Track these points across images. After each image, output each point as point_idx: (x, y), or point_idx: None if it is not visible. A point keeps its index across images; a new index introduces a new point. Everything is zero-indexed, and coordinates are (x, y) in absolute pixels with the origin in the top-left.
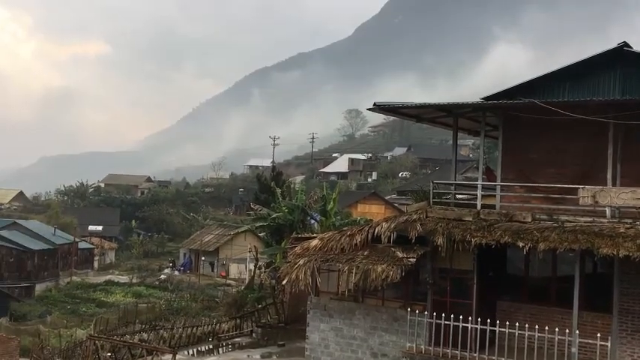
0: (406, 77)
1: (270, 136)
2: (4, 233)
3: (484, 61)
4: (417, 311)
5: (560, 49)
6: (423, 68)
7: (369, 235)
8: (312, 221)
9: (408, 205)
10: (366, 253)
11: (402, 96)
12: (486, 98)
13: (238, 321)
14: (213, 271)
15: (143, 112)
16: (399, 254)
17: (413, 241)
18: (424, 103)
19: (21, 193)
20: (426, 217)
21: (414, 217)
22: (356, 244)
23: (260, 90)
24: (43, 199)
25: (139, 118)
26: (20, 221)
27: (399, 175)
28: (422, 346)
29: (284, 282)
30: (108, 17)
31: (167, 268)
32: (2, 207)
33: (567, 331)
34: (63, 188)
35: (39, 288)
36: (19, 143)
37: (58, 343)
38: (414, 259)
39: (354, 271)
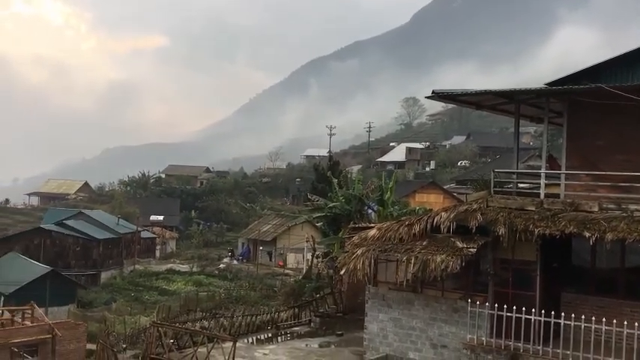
0: (465, 64)
1: (326, 126)
2: (71, 223)
3: (548, 45)
4: (478, 302)
5: (629, 31)
6: (483, 54)
7: (428, 225)
8: (370, 211)
9: (467, 194)
10: (424, 243)
11: (461, 83)
12: (550, 84)
13: (296, 310)
14: (271, 260)
15: (201, 103)
16: (459, 244)
17: (473, 231)
18: (484, 89)
19: (86, 184)
20: (487, 206)
21: (475, 206)
22: (414, 234)
23: (316, 79)
24: (107, 189)
25: (197, 109)
26: (86, 211)
27: (458, 164)
28: (483, 338)
29: (342, 272)
30: (165, 11)
31: (226, 257)
32: (69, 197)
33: (637, 324)
34: (126, 179)
35: (104, 276)
36: (83, 136)
37: (123, 329)
38: (475, 250)
39: (412, 261)
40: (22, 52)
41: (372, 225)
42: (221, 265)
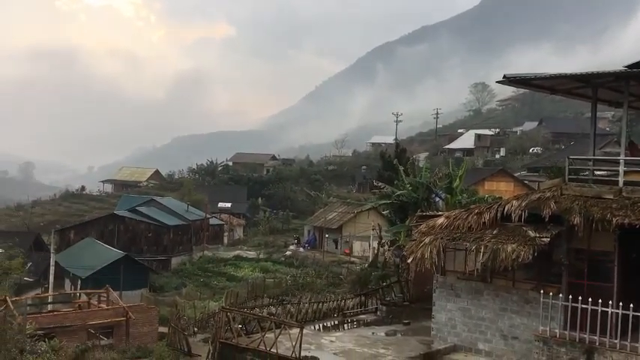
0: (540, 46)
1: (393, 113)
2: (143, 209)
3: (630, 25)
4: (551, 293)
5: None
6: (558, 36)
7: (499, 214)
8: (437, 199)
9: (539, 182)
10: (495, 232)
11: (535, 67)
12: (630, 66)
13: (363, 298)
14: (336, 248)
15: (267, 91)
16: (531, 233)
17: (546, 220)
18: (559, 73)
19: (157, 172)
20: (561, 194)
21: (548, 194)
22: (484, 223)
23: (383, 65)
24: (176, 177)
25: (264, 97)
26: (157, 198)
27: (530, 150)
28: (556, 330)
29: (409, 260)
30: (232, 0)
31: (292, 244)
32: (141, 185)
33: None
34: (194, 167)
35: (174, 261)
36: (154, 124)
37: (193, 314)
38: (548, 239)
39: (482, 250)
40: (95, 43)
41: (440, 213)
42: (287, 252)
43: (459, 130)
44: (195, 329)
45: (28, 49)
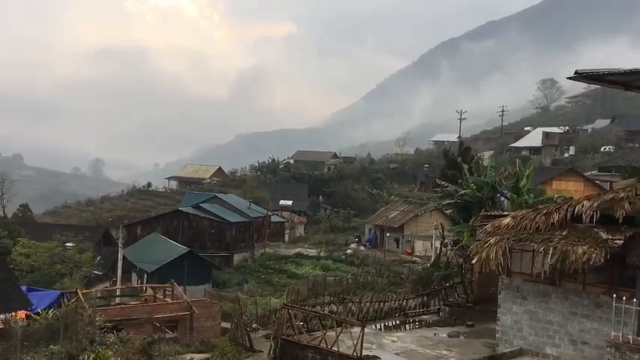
0: (613, 40)
1: (456, 110)
2: (206, 206)
3: None
4: (624, 298)
5: None
6: (634, 29)
7: (568, 214)
8: (502, 199)
9: (612, 182)
10: (564, 233)
11: (609, 62)
12: None
13: (425, 298)
14: (398, 247)
15: (328, 88)
16: (603, 235)
17: (620, 221)
18: (635, 68)
19: (220, 169)
20: (636, 195)
21: (622, 195)
22: (553, 224)
23: (448, 62)
24: (238, 174)
25: (325, 94)
26: (220, 195)
27: (601, 149)
28: (629, 336)
29: (473, 261)
30: None
31: (353, 242)
32: (204, 182)
33: None
34: (256, 164)
35: (236, 258)
36: (217, 122)
37: (255, 310)
38: (621, 241)
39: (550, 251)
40: (161, 43)
41: (506, 213)
42: (348, 251)
43: (526, 128)
44: (256, 325)
45: (97, 49)
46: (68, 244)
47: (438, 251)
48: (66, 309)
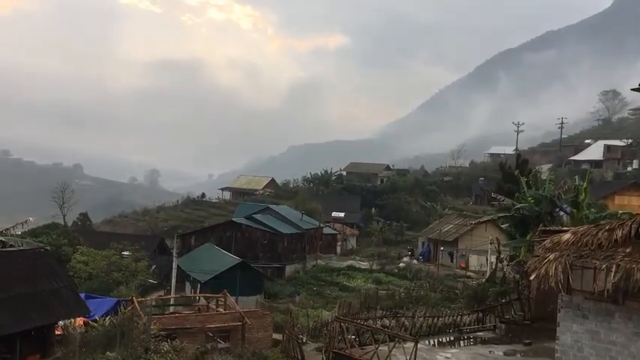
0: None
1: (513, 122)
2: (259, 217)
3: None
4: None
5: None
6: None
7: (633, 230)
8: (562, 213)
9: None
10: (628, 250)
11: None
12: None
13: (480, 314)
14: (452, 261)
15: (381, 100)
16: None
17: None
18: None
19: (272, 180)
20: None
21: None
22: (616, 240)
23: (506, 73)
24: (291, 185)
25: (378, 106)
26: (272, 206)
27: None
28: None
29: (531, 277)
30: (346, 11)
31: (406, 256)
32: (257, 193)
33: None
34: (309, 176)
35: (288, 269)
36: (270, 133)
37: (306, 322)
38: None
39: (613, 269)
40: (216, 55)
41: (566, 228)
42: (400, 264)
43: (586, 141)
44: (305, 339)
45: (155, 62)
46: (125, 253)
47: (494, 266)
48: (122, 317)
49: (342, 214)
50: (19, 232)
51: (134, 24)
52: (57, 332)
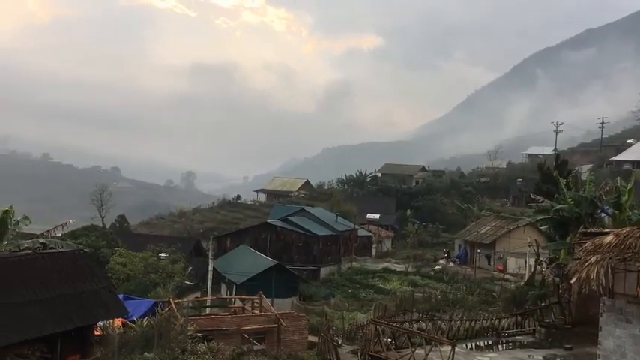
0: None
1: (552, 122)
2: (294, 219)
3: None
4: None
5: None
6: None
7: None
8: (603, 215)
9: None
10: None
11: None
12: None
13: (519, 318)
14: (489, 264)
15: (416, 101)
16: None
17: None
18: None
19: (307, 182)
20: None
21: None
22: None
23: (544, 72)
24: (325, 187)
25: (413, 107)
26: (307, 208)
27: None
28: None
29: (572, 280)
30: (380, 12)
31: (442, 258)
32: (292, 195)
33: None
34: (344, 177)
35: (323, 271)
36: (305, 135)
37: (342, 324)
38: None
39: None
40: (250, 58)
41: (607, 230)
42: (437, 267)
43: (628, 141)
44: (340, 341)
45: (190, 65)
46: (161, 255)
47: (533, 269)
48: (160, 318)
49: (377, 216)
50: (60, 234)
51: (170, 28)
52: (96, 332)
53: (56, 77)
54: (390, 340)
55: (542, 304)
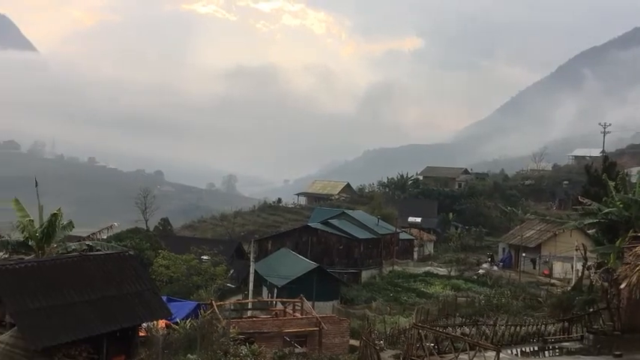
0: None
1: (600, 123)
2: (335, 222)
3: None
4: None
5: None
6: None
7: None
8: None
9: None
10: None
11: None
12: None
13: (566, 324)
14: (534, 268)
15: (458, 103)
16: None
17: None
18: None
19: (348, 185)
20: None
21: None
22: None
23: (592, 72)
24: (366, 190)
25: (455, 109)
26: (348, 211)
27: None
28: None
29: (622, 285)
30: (419, 12)
31: (485, 262)
32: (332, 198)
33: None
34: (384, 180)
35: (364, 275)
36: (345, 138)
37: (383, 329)
38: None
39: None
40: (290, 61)
41: None
42: (480, 271)
43: None
44: (384, 345)
45: (231, 69)
46: (204, 257)
47: (580, 274)
48: (202, 320)
49: (418, 219)
50: (105, 237)
51: (212, 33)
52: (141, 334)
53: (101, 82)
54: (432, 345)
55: (591, 309)
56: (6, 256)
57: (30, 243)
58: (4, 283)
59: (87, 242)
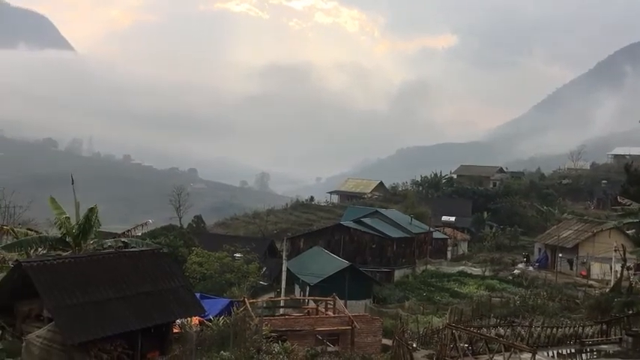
0: None
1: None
2: (368, 221)
3: None
4: None
5: None
6: None
7: None
8: None
9: None
10: None
11: None
12: None
13: (604, 326)
14: (571, 269)
15: (493, 101)
16: None
17: None
18: None
19: (381, 184)
20: None
21: None
22: None
23: (633, 69)
24: (400, 189)
25: (489, 107)
26: (381, 210)
27: None
28: None
29: None
30: (454, 10)
31: (521, 262)
32: (365, 196)
33: None
34: (418, 179)
35: (397, 274)
36: (378, 136)
37: (416, 328)
38: None
39: None
40: (324, 59)
41: None
42: (515, 271)
43: None
44: (415, 345)
45: (264, 67)
46: (236, 255)
47: (619, 275)
48: (235, 317)
49: (452, 219)
50: (140, 234)
51: (244, 31)
52: (175, 330)
53: (137, 81)
54: (466, 345)
55: (630, 312)
56: (44, 252)
57: (67, 239)
58: (42, 279)
59: (122, 239)
